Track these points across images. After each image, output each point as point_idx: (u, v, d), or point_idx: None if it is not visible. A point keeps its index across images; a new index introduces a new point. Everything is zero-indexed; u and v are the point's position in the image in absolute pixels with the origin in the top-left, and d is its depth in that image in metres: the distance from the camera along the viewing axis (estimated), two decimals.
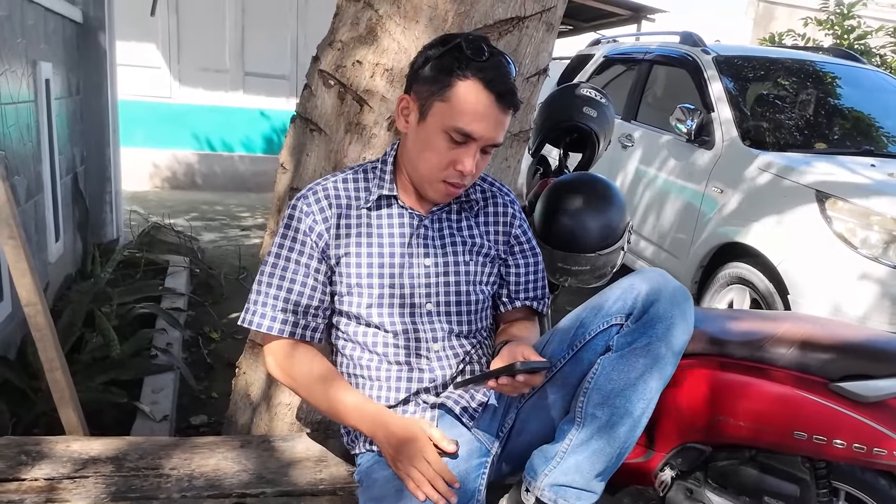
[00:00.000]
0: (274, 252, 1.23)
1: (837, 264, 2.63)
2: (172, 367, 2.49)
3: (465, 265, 1.27)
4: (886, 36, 7.20)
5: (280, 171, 1.58)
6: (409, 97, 1.18)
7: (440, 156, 1.15)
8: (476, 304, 1.28)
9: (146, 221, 4.76)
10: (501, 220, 1.33)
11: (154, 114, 6.39)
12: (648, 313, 1.11)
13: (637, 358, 1.11)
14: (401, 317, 1.23)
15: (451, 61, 1.12)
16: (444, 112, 1.12)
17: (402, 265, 1.23)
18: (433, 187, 1.20)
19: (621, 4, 7.56)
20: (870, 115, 3.73)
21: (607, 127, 2.13)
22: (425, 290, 1.24)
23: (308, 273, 1.21)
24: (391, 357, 1.23)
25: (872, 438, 1.51)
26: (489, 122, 1.12)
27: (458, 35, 1.15)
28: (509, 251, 1.34)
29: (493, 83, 1.11)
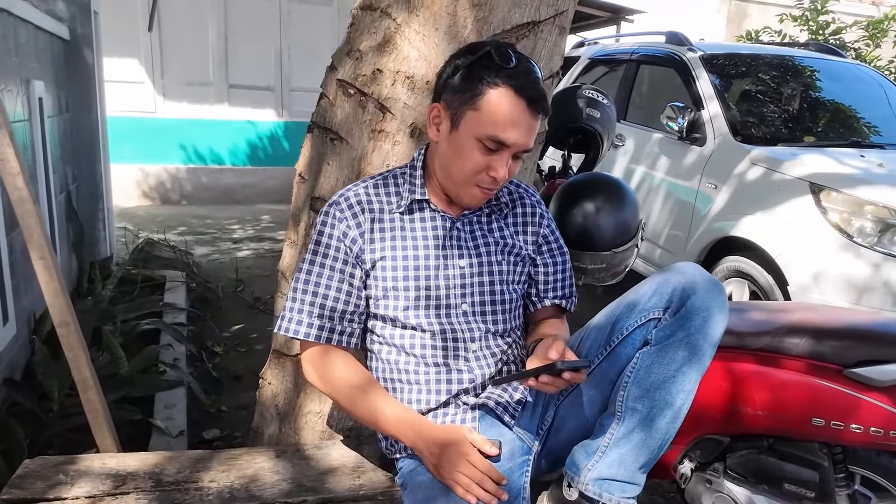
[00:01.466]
0: (308, 259, 1.24)
1: (835, 254, 2.69)
2: (182, 382, 2.48)
3: (498, 265, 1.29)
4: (860, 30, 7.36)
5: (298, 181, 1.59)
6: (439, 106, 1.19)
7: (474, 163, 1.16)
8: (510, 304, 1.30)
9: (137, 238, 4.72)
10: (530, 221, 1.35)
11: (139, 129, 6.34)
12: (686, 307, 1.14)
13: (676, 350, 1.13)
14: (437, 318, 1.24)
15: (480, 69, 1.13)
16: (476, 120, 1.14)
17: (437, 267, 1.24)
18: (467, 193, 1.21)
19: (600, 6, 7.65)
20: (853, 107, 3.82)
21: (610, 127, 2.17)
22: (461, 291, 1.26)
23: (343, 279, 1.22)
24: (429, 359, 1.24)
25: (889, 421, 1.54)
26: (521, 129, 1.14)
27: (486, 43, 1.17)
28: (538, 250, 1.36)
29: (523, 89, 1.12)
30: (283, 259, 1.65)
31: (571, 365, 1.06)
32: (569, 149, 2.26)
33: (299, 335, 1.22)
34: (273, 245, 5.21)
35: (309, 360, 1.25)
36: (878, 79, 4.10)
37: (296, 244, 1.60)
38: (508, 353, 1.30)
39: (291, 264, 1.60)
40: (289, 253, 1.62)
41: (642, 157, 3.96)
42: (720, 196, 3.26)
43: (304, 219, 1.56)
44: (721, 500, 1.83)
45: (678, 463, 1.81)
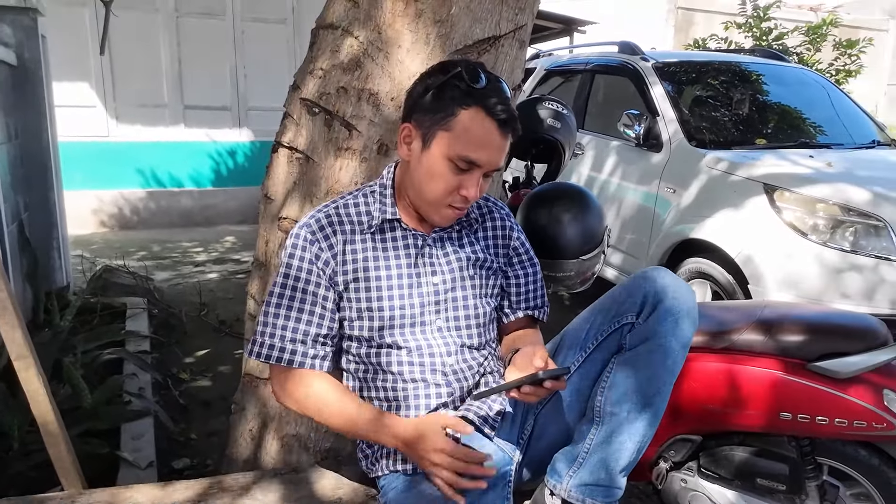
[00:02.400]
0: (279, 282, 1.22)
1: (791, 252, 2.77)
2: (149, 411, 2.41)
3: (471, 279, 1.30)
4: (801, 36, 7.65)
5: (264, 202, 1.58)
6: (410, 125, 1.20)
7: (446, 183, 1.17)
8: (484, 317, 1.31)
9: (94, 265, 4.59)
10: (500, 234, 1.37)
11: (93, 154, 6.18)
12: (657, 310, 1.16)
13: (650, 354, 1.16)
14: (412, 335, 1.24)
15: (451, 90, 1.14)
16: (448, 141, 1.15)
17: (410, 285, 1.24)
18: (439, 213, 1.22)
19: (553, 18, 7.79)
20: (799, 110, 3.97)
21: (571, 136, 2.21)
22: (434, 308, 1.26)
23: (315, 302, 1.21)
24: (406, 375, 1.24)
25: (852, 412, 1.60)
26: (492, 149, 1.16)
27: (457, 62, 1.18)
28: (508, 263, 1.38)
29: (494, 111, 1.13)
30: (252, 281, 1.63)
31: (552, 373, 1.07)
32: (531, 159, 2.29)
33: (271, 360, 1.21)
34: (236, 267, 5.13)
35: (278, 382, 1.24)
36: (821, 81, 4.27)
37: (264, 265, 1.58)
38: (485, 365, 1.30)
39: (260, 286, 1.58)
40: (257, 274, 1.60)
41: (601, 164, 4.04)
42: (679, 200, 3.34)
43: (272, 239, 1.54)
44: (696, 498, 1.86)
45: (653, 464, 1.84)
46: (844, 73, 7.48)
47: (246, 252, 5.56)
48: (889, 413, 1.59)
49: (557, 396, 1.26)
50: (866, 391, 1.60)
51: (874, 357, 1.61)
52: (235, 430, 1.63)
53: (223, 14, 6.45)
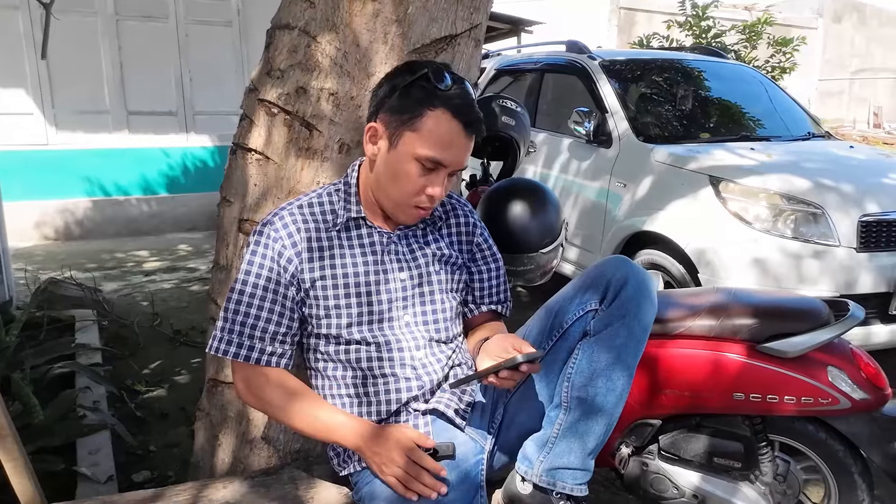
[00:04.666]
0: (241, 279, 1.22)
1: (736, 240, 2.89)
2: (105, 425, 2.35)
3: (437, 274, 1.32)
4: (738, 34, 7.95)
5: (224, 205, 1.56)
6: (376, 125, 1.21)
7: (412, 183, 1.19)
8: (450, 311, 1.33)
9: (37, 278, 4.42)
10: (464, 230, 1.39)
11: (30, 163, 5.94)
12: (620, 297, 1.20)
13: (614, 338, 1.20)
14: (380, 330, 1.25)
15: (418, 91, 1.16)
16: (414, 141, 1.17)
17: (377, 282, 1.26)
18: (405, 212, 1.24)
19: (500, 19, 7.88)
20: (740, 104, 4.13)
21: (525, 133, 2.26)
22: (402, 304, 1.28)
23: (276, 300, 1.21)
24: (376, 371, 1.25)
25: (800, 389, 1.68)
26: (458, 150, 1.18)
27: (423, 64, 1.20)
28: (472, 259, 1.40)
29: (460, 112, 1.16)
30: (213, 284, 1.61)
31: (529, 357, 1.10)
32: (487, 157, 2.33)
33: (229, 355, 1.21)
34: (188, 275, 5.01)
35: (241, 379, 1.24)
36: (759, 77, 4.45)
37: (225, 268, 1.56)
38: (453, 358, 1.32)
39: (221, 289, 1.56)
40: (218, 278, 1.58)
41: (554, 161, 4.11)
42: (629, 194, 3.43)
43: (232, 241, 1.53)
44: (658, 480, 1.92)
45: (616, 449, 1.89)
46: (780, 70, 7.80)
47: (198, 260, 5.44)
48: (833, 388, 1.68)
49: (527, 384, 1.29)
50: (812, 369, 1.69)
51: (818, 336, 1.70)
52: (201, 437, 1.60)
53: (166, 17, 6.30)
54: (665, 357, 1.80)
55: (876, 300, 2.79)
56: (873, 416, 1.75)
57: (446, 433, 1.24)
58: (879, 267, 2.76)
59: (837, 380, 1.70)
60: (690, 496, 1.83)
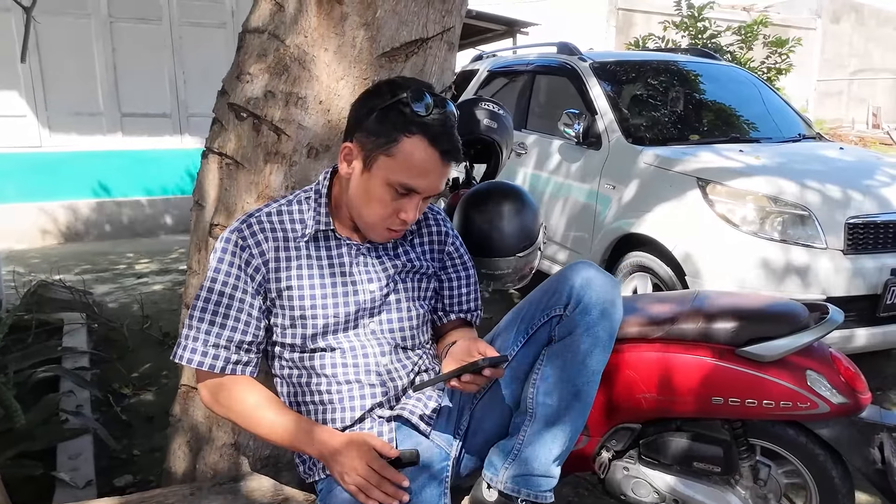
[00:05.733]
0: (206, 286, 1.21)
1: (724, 243, 2.88)
2: (87, 429, 2.34)
3: (404, 283, 1.31)
4: (733, 35, 7.94)
5: (195, 209, 1.55)
6: (351, 145, 1.19)
7: (384, 206, 1.18)
8: (417, 319, 1.32)
9: (30, 281, 4.42)
10: (436, 240, 1.38)
11: (24, 165, 5.94)
12: (583, 302, 1.20)
13: (578, 344, 1.19)
14: (346, 337, 1.24)
15: (396, 115, 1.13)
16: (389, 166, 1.14)
17: (345, 293, 1.24)
18: (376, 233, 1.23)
19: (495, 20, 7.89)
20: (731, 106, 4.12)
21: (508, 136, 2.25)
22: (369, 313, 1.27)
23: (242, 308, 1.19)
24: (341, 377, 1.24)
25: (778, 394, 1.67)
26: (433, 177, 1.16)
27: (403, 84, 1.17)
28: (443, 267, 1.39)
29: (438, 140, 1.14)
30: (187, 289, 1.60)
31: (492, 361, 1.09)
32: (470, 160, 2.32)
33: (193, 363, 1.19)
34: (180, 277, 5.01)
35: (205, 387, 1.22)
36: (751, 78, 4.44)
37: (197, 273, 1.55)
38: (419, 364, 1.32)
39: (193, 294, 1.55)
40: (192, 283, 1.57)
41: (544, 163, 4.11)
42: (618, 196, 3.42)
43: (205, 247, 1.52)
44: (638, 484, 1.92)
45: (596, 454, 1.88)
46: (776, 71, 7.79)
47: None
48: (812, 393, 1.67)
49: (493, 389, 1.28)
50: (790, 373, 1.68)
51: (797, 340, 1.69)
52: (173, 443, 1.60)
53: (159, 19, 6.30)
54: (645, 361, 1.80)
55: (863, 303, 2.77)
56: (853, 420, 1.74)
57: (411, 439, 1.23)
58: (867, 269, 2.75)
59: (816, 384, 1.69)
60: (671, 500, 1.83)
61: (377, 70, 1.38)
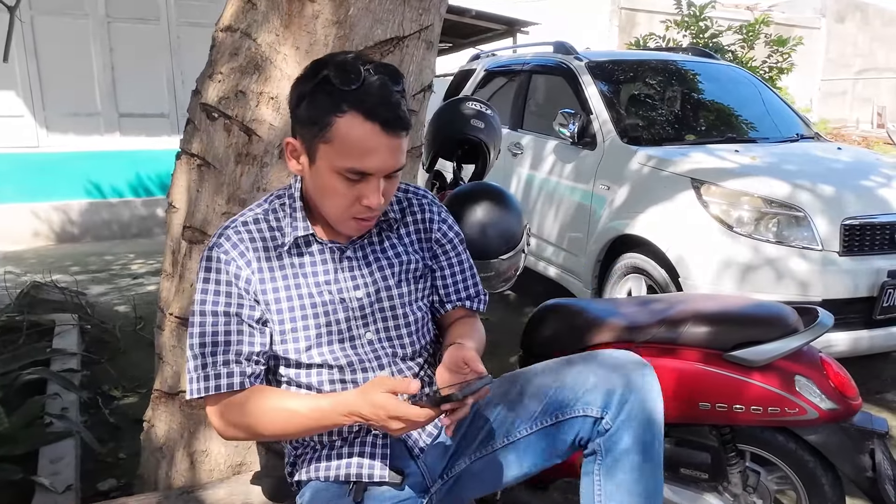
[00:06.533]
0: (198, 311, 1.12)
1: (718, 244, 2.84)
2: (71, 432, 2.31)
3: (398, 287, 1.23)
4: (735, 34, 7.89)
5: (171, 211, 1.53)
6: (293, 141, 1.11)
7: (342, 196, 1.08)
8: (416, 324, 1.25)
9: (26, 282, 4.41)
10: (422, 227, 1.29)
11: (22, 165, 5.94)
12: (626, 409, 1.14)
13: (630, 456, 1.14)
14: (342, 351, 1.17)
15: (323, 97, 1.04)
16: (330, 154, 1.05)
17: (332, 301, 1.17)
18: (346, 226, 1.14)
19: (495, 19, 7.86)
20: (728, 105, 4.08)
21: (495, 136, 2.21)
22: (362, 322, 1.19)
23: (241, 321, 1.12)
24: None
25: (766, 399, 1.64)
26: (381, 154, 1.05)
27: (326, 62, 1.06)
28: (433, 256, 1.30)
29: (373, 112, 1.02)
30: (161, 292, 1.57)
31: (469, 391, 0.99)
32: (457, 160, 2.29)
33: (210, 391, 1.09)
34: None
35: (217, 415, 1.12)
36: (749, 78, 4.39)
37: (172, 276, 1.53)
38: (421, 376, 1.25)
39: (168, 297, 1.53)
40: (165, 286, 1.54)
41: (540, 163, 4.07)
42: (613, 196, 3.39)
43: (179, 249, 1.49)
44: None
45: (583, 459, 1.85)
46: (777, 71, 7.74)
47: None
48: (801, 398, 1.63)
49: (502, 451, 1.21)
50: (779, 378, 1.64)
51: (786, 344, 1.65)
52: (146, 449, 1.57)
53: (157, 19, 6.29)
54: None
55: (860, 305, 2.73)
56: (843, 426, 1.70)
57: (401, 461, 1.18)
58: (863, 271, 2.70)
59: (805, 389, 1.65)
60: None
61: None
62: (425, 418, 0.97)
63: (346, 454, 1.18)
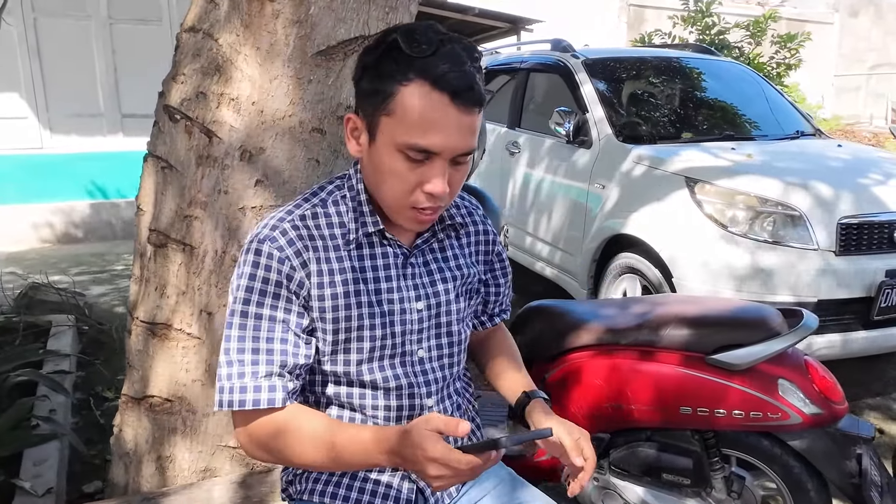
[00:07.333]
0: (239, 310, 0.99)
1: (712, 244, 2.79)
2: (55, 435, 2.31)
3: (456, 303, 1.15)
4: (742, 30, 7.79)
5: (139, 214, 1.51)
6: (355, 116, 1.01)
7: (402, 180, 0.97)
8: (463, 343, 1.18)
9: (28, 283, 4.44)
10: (482, 239, 1.22)
11: (26, 167, 5.98)
12: None
13: None
14: (392, 368, 1.08)
15: (389, 65, 0.93)
16: (392, 128, 0.94)
17: (391, 312, 1.06)
18: (404, 216, 1.02)
19: (499, 17, 7.81)
20: (727, 103, 4.02)
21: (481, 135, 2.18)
22: (416, 336, 1.10)
23: (288, 329, 1.00)
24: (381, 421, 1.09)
25: (748, 403, 1.60)
26: (449, 131, 0.93)
27: (395, 28, 0.96)
28: (489, 270, 1.25)
29: (443, 81, 0.91)
30: (130, 296, 1.56)
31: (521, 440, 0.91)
32: None
33: (247, 405, 0.97)
34: None
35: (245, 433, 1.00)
36: (751, 74, 4.32)
37: (139, 280, 1.51)
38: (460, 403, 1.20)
39: (136, 301, 1.52)
40: (134, 289, 1.53)
41: (537, 162, 4.04)
42: (608, 195, 3.35)
43: (147, 253, 1.48)
44: (608, 496, 1.86)
45: None
46: (785, 67, 7.63)
47: None
48: (783, 403, 1.60)
49: None
50: (761, 382, 1.61)
51: (769, 347, 1.62)
52: (115, 454, 1.56)
53: (159, 20, 6.31)
54: (615, 369, 1.74)
55: (857, 306, 2.68)
56: (828, 431, 1.66)
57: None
58: (860, 271, 2.65)
59: (788, 393, 1.62)
60: None
61: (313, 69, 1.33)
62: (467, 467, 0.85)
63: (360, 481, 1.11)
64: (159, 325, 1.42)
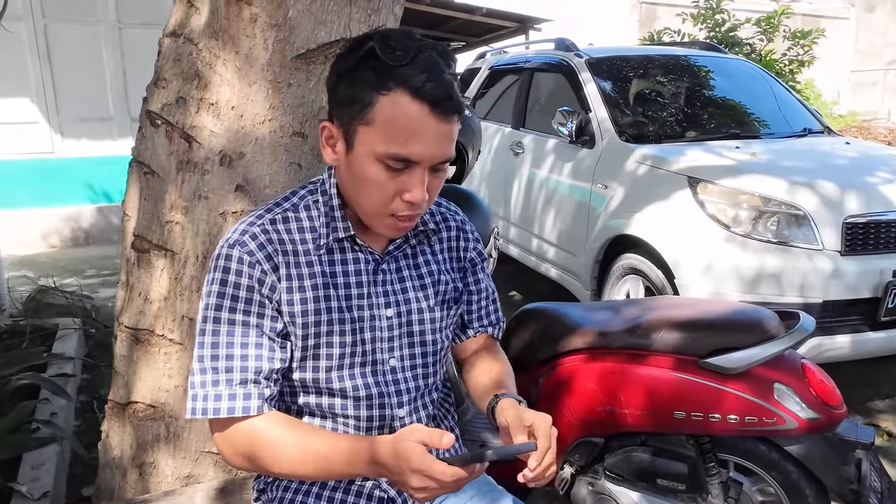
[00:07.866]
0: (211, 316, 0.98)
1: (715, 245, 2.75)
2: (55, 438, 2.33)
3: (430, 311, 1.12)
4: (753, 27, 7.70)
5: (125, 220, 1.52)
6: (330, 124, 0.99)
7: (381, 189, 0.96)
8: (440, 353, 1.15)
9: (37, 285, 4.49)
10: (455, 246, 1.19)
11: (37, 171, 6.05)
12: None
13: None
14: (363, 377, 1.06)
15: (366, 72, 0.92)
16: (371, 137, 0.93)
17: (361, 318, 1.05)
18: (382, 224, 1.01)
19: (507, 17, 7.77)
20: (733, 100, 3.96)
21: (473, 138, 2.17)
22: (388, 345, 1.08)
23: (262, 334, 0.99)
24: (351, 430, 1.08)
25: (743, 408, 1.57)
26: (428, 139, 0.93)
27: (370, 36, 0.95)
28: (463, 278, 1.21)
29: (422, 91, 0.90)
30: (116, 302, 1.56)
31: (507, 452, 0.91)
32: None
33: (222, 412, 0.96)
34: None
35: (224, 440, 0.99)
36: (758, 72, 4.26)
37: (125, 286, 1.51)
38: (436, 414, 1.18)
39: (121, 307, 1.52)
40: (121, 295, 1.53)
41: (541, 162, 4.01)
42: (611, 195, 3.31)
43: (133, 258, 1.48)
44: (603, 500, 1.84)
45: (559, 468, 1.80)
46: (798, 64, 7.53)
47: None
48: (779, 407, 1.57)
49: None
50: (756, 386, 1.58)
51: (765, 350, 1.59)
52: (102, 461, 1.57)
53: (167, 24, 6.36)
54: (608, 372, 1.72)
55: (863, 307, 2.63)
56: (825, 436, 1.63)
57: None
58: (866, 271, 2.59)
59: (784, 398, 1.58)
60: None
61: (293, 73, 1.32)
62: (452, 479, 0.85)
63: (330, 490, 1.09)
64: (143, 331, 1.42)
